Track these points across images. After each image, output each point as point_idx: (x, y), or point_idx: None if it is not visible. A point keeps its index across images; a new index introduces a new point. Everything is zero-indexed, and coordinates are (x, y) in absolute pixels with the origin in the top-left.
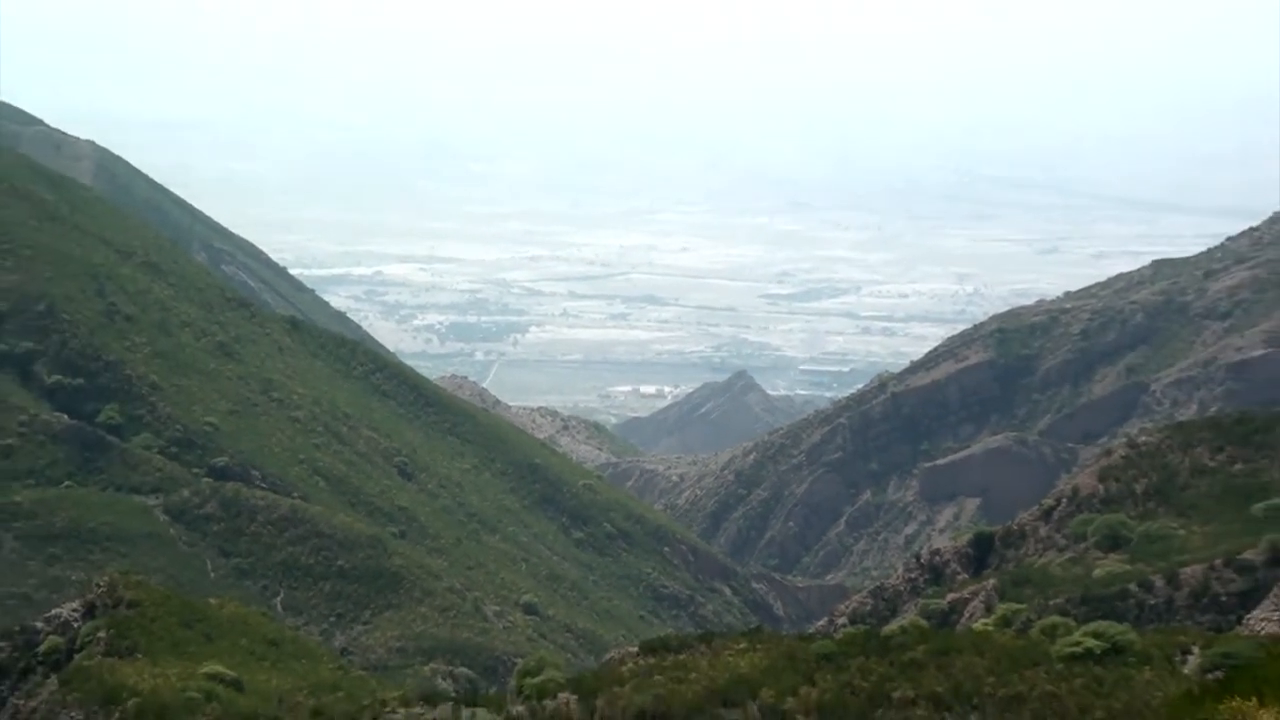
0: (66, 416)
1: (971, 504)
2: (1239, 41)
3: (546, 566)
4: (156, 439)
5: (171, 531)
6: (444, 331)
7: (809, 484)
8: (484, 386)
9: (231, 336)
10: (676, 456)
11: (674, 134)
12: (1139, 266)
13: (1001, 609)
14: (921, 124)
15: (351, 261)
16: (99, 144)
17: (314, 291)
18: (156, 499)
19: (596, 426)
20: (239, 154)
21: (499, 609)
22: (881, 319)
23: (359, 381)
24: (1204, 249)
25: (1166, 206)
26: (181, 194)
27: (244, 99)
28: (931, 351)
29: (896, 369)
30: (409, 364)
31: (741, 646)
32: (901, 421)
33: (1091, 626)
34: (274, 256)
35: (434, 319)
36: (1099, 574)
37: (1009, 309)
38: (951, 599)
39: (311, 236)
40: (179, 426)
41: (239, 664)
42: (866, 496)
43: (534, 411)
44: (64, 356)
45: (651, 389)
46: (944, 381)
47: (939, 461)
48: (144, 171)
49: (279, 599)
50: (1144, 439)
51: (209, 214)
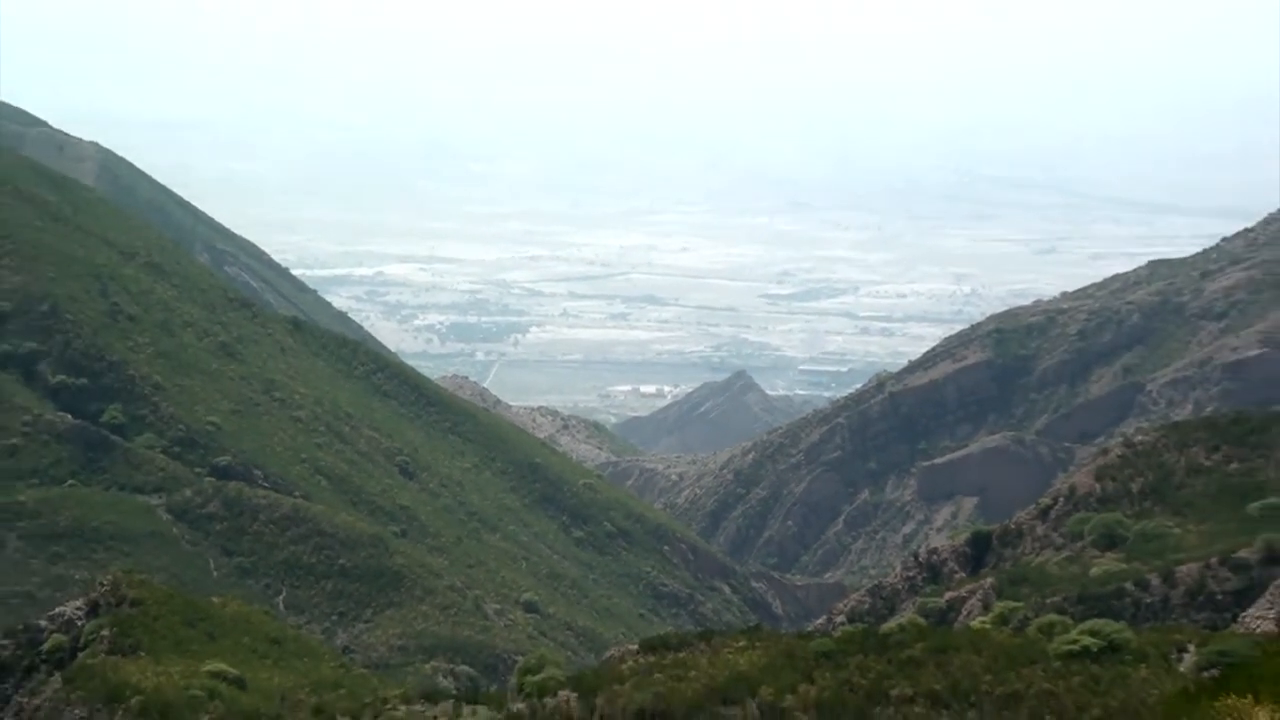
0: (70, 416)
1: (969, 503)
2: (1239, 41)
3: (547, 565)
4: (159, 439)
5: (174, 530)
6: (444, 332)
7: (808, 483)
8: (484, 386)
9: (234, 337)
10: (676, 456)
11: (674, 134)
12: (1135, 267)
13: (999, 607)
14: (921, 124)
15: (352, 262)
16: (102, 145)
17: (316, 292)
18: (159, 498)
19: (596, 426)
20: (239, 154)
21: (499, 607)
22: (880, 319)
23: (360, 381)
24: (1200, 250)
25: (1165, 207)
26: (182, 194)
27: (244, 99)
28: (929, 351)
29: (895, 369)
30: (410, 364)
31: (741, 645)
32: (899, 421)
33: (1088, 625)
34: (276, 257)
35: (435, 319)
36: (1096, 572)
37: (1006, 309)
38: (949, 597)
39: (312, 237)
40: (182, 426)
41: (241, 662)
42: (865, 496)
43: (534, 411)
44: (67, 357)
45: (651, 389)
46: (942, 381)
47: (937, 461)
48: (146, 172)
49: (281, 598)
50: (1140, 438)
51: (209, 214)
